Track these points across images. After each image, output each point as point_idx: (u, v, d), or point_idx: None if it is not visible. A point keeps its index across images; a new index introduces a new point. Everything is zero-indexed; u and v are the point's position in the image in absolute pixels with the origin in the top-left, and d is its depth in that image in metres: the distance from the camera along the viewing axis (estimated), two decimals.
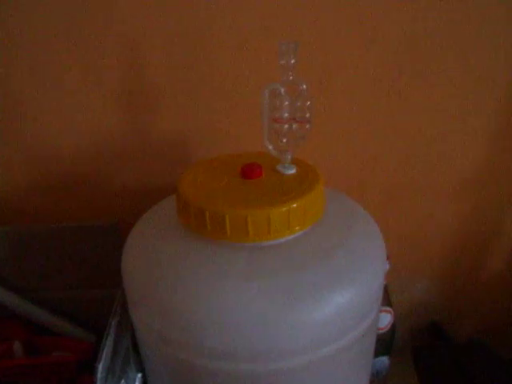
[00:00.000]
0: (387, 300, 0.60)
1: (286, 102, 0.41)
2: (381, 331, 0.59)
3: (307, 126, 0.42)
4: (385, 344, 0.61)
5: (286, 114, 0.41)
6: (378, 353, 0.60)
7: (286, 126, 0.42)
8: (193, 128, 0.57)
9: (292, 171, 0.44)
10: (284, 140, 0.43)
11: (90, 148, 0.57)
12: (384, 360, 0.61)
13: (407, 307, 0.72)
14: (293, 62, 0.40)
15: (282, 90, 0.41)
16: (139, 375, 0.50)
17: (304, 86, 0.41)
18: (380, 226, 0.46)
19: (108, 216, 0.58)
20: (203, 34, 0.52)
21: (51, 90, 0.54)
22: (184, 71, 0.54)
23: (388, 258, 0.57)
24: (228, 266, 0.39)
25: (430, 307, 0.73)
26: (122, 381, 0.46)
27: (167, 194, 0.48)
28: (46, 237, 0.59)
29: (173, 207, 0.43)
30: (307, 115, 0.42)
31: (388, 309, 0.59)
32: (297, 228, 0.40)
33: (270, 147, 0.43)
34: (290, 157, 0.44)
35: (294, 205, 0.39)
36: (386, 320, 0.59)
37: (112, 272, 0.46)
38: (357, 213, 0.48)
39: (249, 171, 0.43)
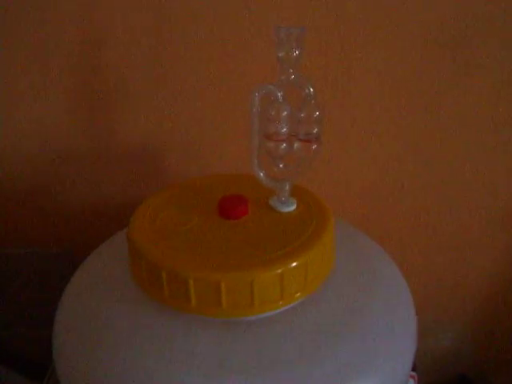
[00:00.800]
0: None
1: (285, 112, 0.29)
2: None
3: (314, 147, 0.30)
4: None
5: (285, 129, 0.30)
6: None
7: (284, 145, 0.30)
8: (164, 136, 0.45)
9: (291, 208, 0.32)
10: (281, 165, 0.31)
11: (32, 153, 0.46)
12: None
13: (432, 357, 0.60)
14: (296, 54, 0.28)
15: (280, 94, 0.29)
16: None
17: (311, 90, 0.29)
18: (401, 259, 0.37)
19: (59, 242, 0.49)
20: (177, 14, 0.40)
21: None
22: (154, 61, 0.42)
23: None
24: (191, 352, 0.27)
25: (460, 358, 0.61)
26: None
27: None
28: None
29: None
30: (315, 131, 0.30)
31: (412, 373, 0.47)
32: (295, 295, 0.29)
33: (261, 174, 0.31)
34: (288, 188, 0.32)
35: (293, 263, 0.28)
36: None
37: None
38: (375, 256, 0.37)
39: (229, 208, 0.31)
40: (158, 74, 0.43)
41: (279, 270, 0.27)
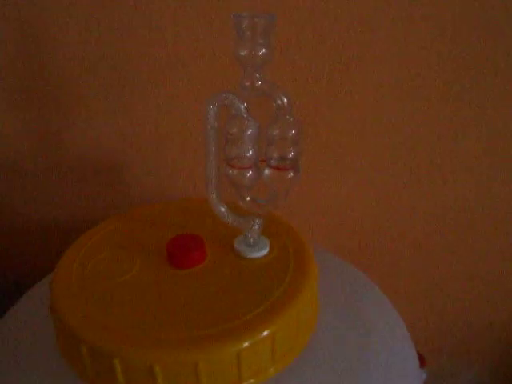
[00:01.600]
0: None
1: (250, 130, 0.22)
2: None
3: (291, 175, 0.23)
4: None
5: (251, 152, 0.23)
6: None
7: (251, 172, 0.23)
8: (122, 149, 0.38)
9: (262, 253, 0.25)
10: (248, 198, 0.24)
11: None
12: None
13: None
14: (262, 53, 0.21)
15: (242, 106, 0.22)
16: None
17: (284, 100, 0.22)
18: (409, 300, 0.29)
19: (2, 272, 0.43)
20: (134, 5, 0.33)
21: None
22: (109, 67, 0.36)
23: (423, 365, 0.39)
24: None
25: None
26: None
27: None
28: None
29: None
30: (291, 155, 0.23)
31: None
32: (262, 374, 0.22)
33: (223, 210, 0.25)
34: (258, 227, 0.25)
35: (256, 337, 0.21)
36: None
37: None
38: (372, 305, 0.30)
39: (179, 254, 0.24)
40: (114, 79, 0.36)
41: (234, 348, 0.20)
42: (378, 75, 0.36)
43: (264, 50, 0.22)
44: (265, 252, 0.25)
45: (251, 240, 0.25)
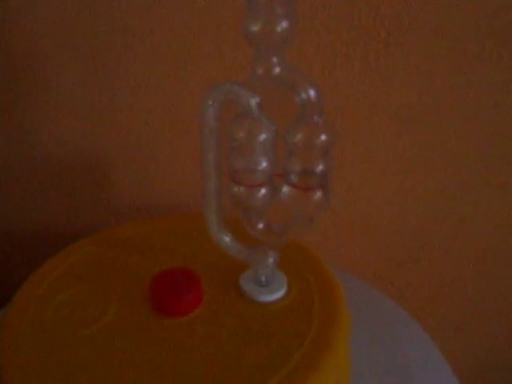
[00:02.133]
0: None
1: (263, 135, 0.16)
2: None
3: (318, 196, 0.18)
4: None
5: (264, 165, 0.17)
6: None
7: (264, 191, 0.18)
8: (104, 142, 0.34)
9: (276, 295, 0.20)
10: (260, 225, 0.19)
11: None
12: None
13: None
14: (282, 28, 0.16)
15: (254, 101, 0.16)
16: None
17: (312, 94, 0.17)
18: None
19: None
20: None
21: None
22: (91, 45, 0.31)
23: None
24: None
25: None
26: None
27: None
28: None
29: None
30: (319, 169, 0.17)
31: None
32: None
33: (227, 240, 0.19)
34: (272, 261, 0.19)
35: None
36: None
37: None
38: (412, 353, 0.26)
39: (167, 297, 0.19)
40: (98, 66, 0.31)
41: None
42: (422, 56, 0.30)
43: (284, 24, 0.16)
44: (281, 294, 0.20)
45: (262, 278, 0.20)
